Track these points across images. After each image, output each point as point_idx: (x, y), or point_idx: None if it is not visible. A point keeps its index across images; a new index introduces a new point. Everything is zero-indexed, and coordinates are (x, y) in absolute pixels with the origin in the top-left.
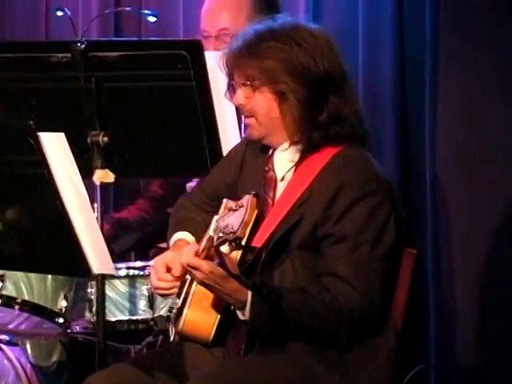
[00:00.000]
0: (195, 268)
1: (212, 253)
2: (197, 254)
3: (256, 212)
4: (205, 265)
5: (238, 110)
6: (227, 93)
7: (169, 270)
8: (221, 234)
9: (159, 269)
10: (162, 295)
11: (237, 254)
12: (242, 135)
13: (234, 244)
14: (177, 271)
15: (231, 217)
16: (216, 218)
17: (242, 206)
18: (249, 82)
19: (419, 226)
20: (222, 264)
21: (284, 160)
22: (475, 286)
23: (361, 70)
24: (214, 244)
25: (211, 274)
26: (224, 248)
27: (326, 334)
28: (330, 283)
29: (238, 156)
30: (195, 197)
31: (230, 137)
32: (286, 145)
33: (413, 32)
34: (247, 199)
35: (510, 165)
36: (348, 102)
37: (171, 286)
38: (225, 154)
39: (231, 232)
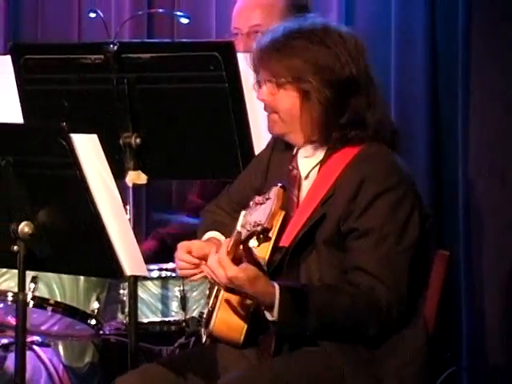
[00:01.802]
0: (224, 268)
1: (240, 249)
2: (227, 253)
3: (282, 205)
4: (232, 267)
5: None
6: (255, 86)
7: (190, 253)
8: (248, 228)
9: (180, 250)
10: (185, 276)
11: (267, 247)
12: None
13: (261, 236)
14: (196, 254)
15: (259, 210)
16: (243, 213)
17: (268, 199)
18: (274, 79)
19: (452, 228)
20: (250, 260)
21: (308, 159)
22: (508, 288)
23: (393, 71)
24: (242, 238)
25: (239, 275)
26: (252, 242)
27: (354, 330)
28: (356, 278)
29: (264, 160)
30: (223, 202)
31: (262, 138)
32: (306, 146)
33: (445, 32)
34: (274, 191)
35: None
36: (373, 106)
37: (190, 266)
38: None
39: (259, 224)
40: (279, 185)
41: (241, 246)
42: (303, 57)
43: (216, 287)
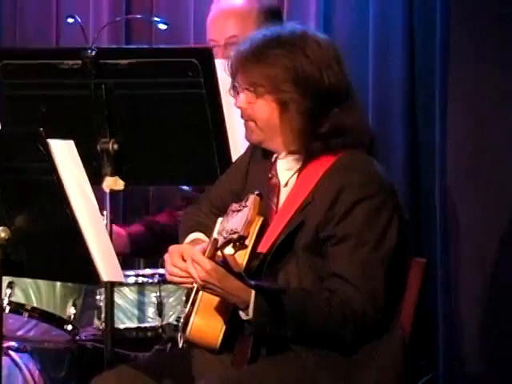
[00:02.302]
0: (198, 263)
1: (217, 256)
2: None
3: (259, 212)
4: (206, 261)
5: None
6: (231, 92)
7: (183, 259)
8: (225, 235)
9: (174, 255)
10: (175, 283)
11: (243, 254)
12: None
13: (238, 244)
14: (186, 259)
15: (235, 218)
16: (220, 219)
17: (245, 206)
18: (252, 88)
19: (429, 236)
20: (225, 264)
21: (287, 167)
22: (484, 296)
23: (371, 80)
24: (219, 245)
25: (212, 272)
26: (229, 249)
27: (330, 335)
28: (332, 284)
29: (243, 165)
30: (203, 205)
31: (239, 144)
32: (284, 153)
33: (423, 43)
34: (250, 199)
35: None
36: (351, 114)
37: (183, 274)
38: (234, 160)
39: (235, 232)
40: (256, 193)
41: (218, 253)
42: (282, 66)
43: (193, 293)
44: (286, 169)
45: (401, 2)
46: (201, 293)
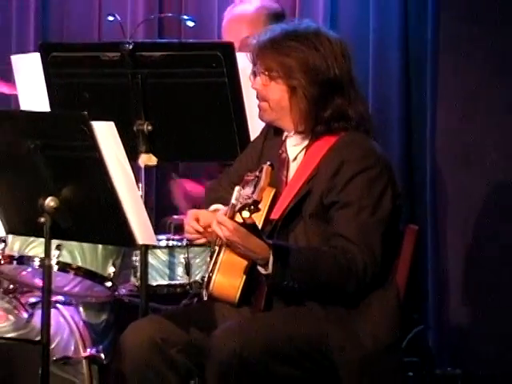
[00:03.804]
0: (222, 224)
1: (237, 218)
2: None
3: (271, 181)
4: (229, 222)
5: None
6: (251, 77)
7: (198, 221)
8: (241, 200)
9: (190, 218)
10: (190, 239)
11: (259, 217)
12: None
13: (252, 207)
14: (202, 222)
15: (249, 185)
16: (237, 188)
17: (258, 175)
18: (267, 72)
19: (421, 208)
20: (246, 225)
21: (295, 143)
22: (468, 258)
23: (371, 73)
24: (236, 209)
25: (235, 231)
26: (244, 213)
27: (335, 284)
28: (336, 242)
29: (258, 145)
30: (223, 181)
31: (256, 126)
32: (293, 132)
33: (416, 39)
34: (263, 168)
35: (500, 155)
36: (353, 103)
37: (197, 234)
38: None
39: (250, 197)
40: (268, 163)
41: (238, 216)
42: (295, 56)
43: (215, 255)
44: (294, 145)
45: (397, 13)
46: (222, 254)
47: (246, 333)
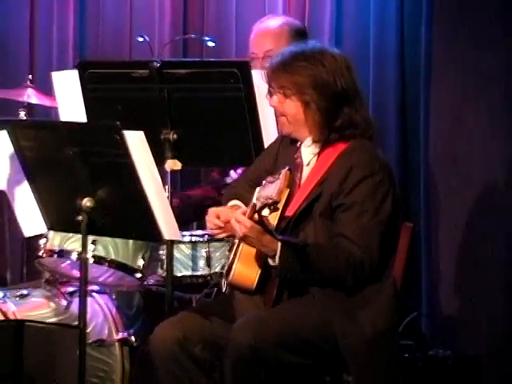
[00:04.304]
0: (240, 222)
1: (253, 217)
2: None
3: (289, 184)
4: (247, 221)
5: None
6: (267, 96)
7: (218, 217)
8: (262, 200)
9: (211, 215)
10: (212, 234)
11: (276, 215)
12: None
13: (272, 207)
14: (222, 218)
15: (270, 187)
16: (258, 189)
17: (278, 178)
18: (282, 91)
19: (415, 208)
20: (261, 223)
21: (309, 151)
22: (458, 252)
23: (371, 86)
24: (257, 209)
25: (251, 228)
26: (264, 211)
27: (335, 277)
28: (339, 241)
29: (274, 149)
30: (241, 180)
31: (269, 135)
32: (309, 141)
33: (411, 55)
34: (282, 172)
35: (484, 161)
36: (359, 111)
37: (218, 229)
38: (266, 147)
39: (270, 198)
40: (287, 168)
41: (256, 215)
42: (305, 75)
43: (235, 247)
44: (308, 152)
45: (394, 34)
46: (241, 246)
47: (260, 327)
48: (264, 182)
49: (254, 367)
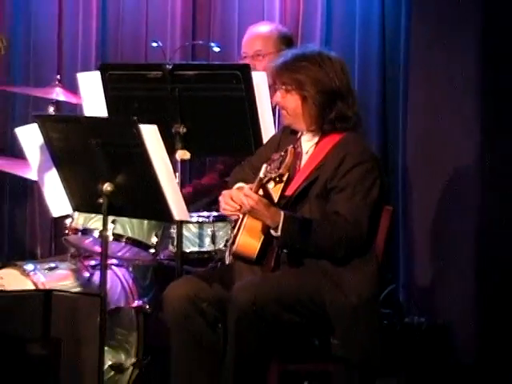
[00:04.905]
0: (248, 196)
1: (260, 192)
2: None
3: (293, 158)
4: (254, 195)
5: (274, 112)
6: (272, 92)
7: (231, 199)
8: (268, 174)
9: (225, 196)
10: (227, 215)
11: (279, 187)
12: (276, 129)
13: (277, 179)
14: (236, 200)
15: (275, 162)
16: (265, 165)
17: (283, 155)
18: (284, 87)
19: (394, 193)
20: (267, 196)
21: (308, 140)
22: (432, 231)
23: (356, 86)
24: (264, 182)
25: (257, 201)
26: (270, 184)
27: (329, 249)
28: (333, 218)
29: (276, 139)
30: (245, 166)
31: (267, 129)
32: (307, 133)
33: (392, 60)
34: (288, 149)
35: (455, 157)
36: (351, 107)
37: (233, 210)
38: (264, 141)
39: (276, 171)
40: (291, 146)
41: (261, 190)
42: (304, 73)
43: (239, 221)
44: (307, 141)
45: (377, 41)
46: (245, 221)
47: (259, 287)
48: (270, 158)
49: (254, 322)
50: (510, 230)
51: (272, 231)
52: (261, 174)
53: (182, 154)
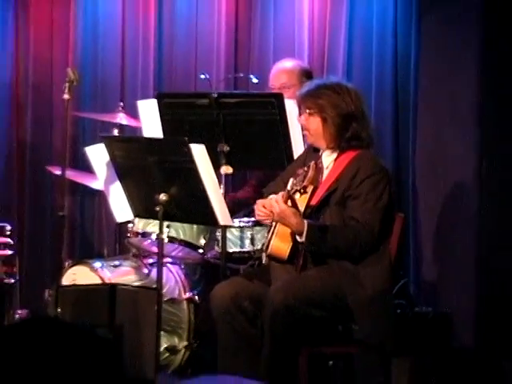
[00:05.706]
0: (277, 203)
1: (288, 203)
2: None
3: (315, 172)
4: (282, 204)
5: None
6: (297, 116)
7: (264, 207)
8: (294, 187)
9: (259, 205)
10: (260, 220)
11: (305, 198)
12: (304, 147)
13: (302, 191)
14: (267, 207)
15: (300, 176)
16: (291, 179)
17: (307, 170)
18: (307, 111)
19: (405, 202)
20: (294, 205)
21: (328, 156)
22: (438, 235)
23: (373, 113)
24: (291, 193)
25: (285, 210)
26: (296, 195)
27: (347, 250)
28: (349, 222)
29: (303, 157)
30: (277, 181)
31: (297, 148)
32: (328, 151)
33: (403, 90)
34: (310, 165)
35: (460, 165)
36: (364, 128)
37: (265, 216)
38: (295, 157)
39: (300, 184)
40: (314, 161)
41: (289, 201)
42: (325, 99)
43: (272, 228)
44: (327, 157)
45: (390, 70)
46: (277, 227)
47: (291, 288)
48: (296, 173)
49: (286, 319)
50: (506, 236)
51: (297, 237)
52: (288, 187)
53: (226, 169)
